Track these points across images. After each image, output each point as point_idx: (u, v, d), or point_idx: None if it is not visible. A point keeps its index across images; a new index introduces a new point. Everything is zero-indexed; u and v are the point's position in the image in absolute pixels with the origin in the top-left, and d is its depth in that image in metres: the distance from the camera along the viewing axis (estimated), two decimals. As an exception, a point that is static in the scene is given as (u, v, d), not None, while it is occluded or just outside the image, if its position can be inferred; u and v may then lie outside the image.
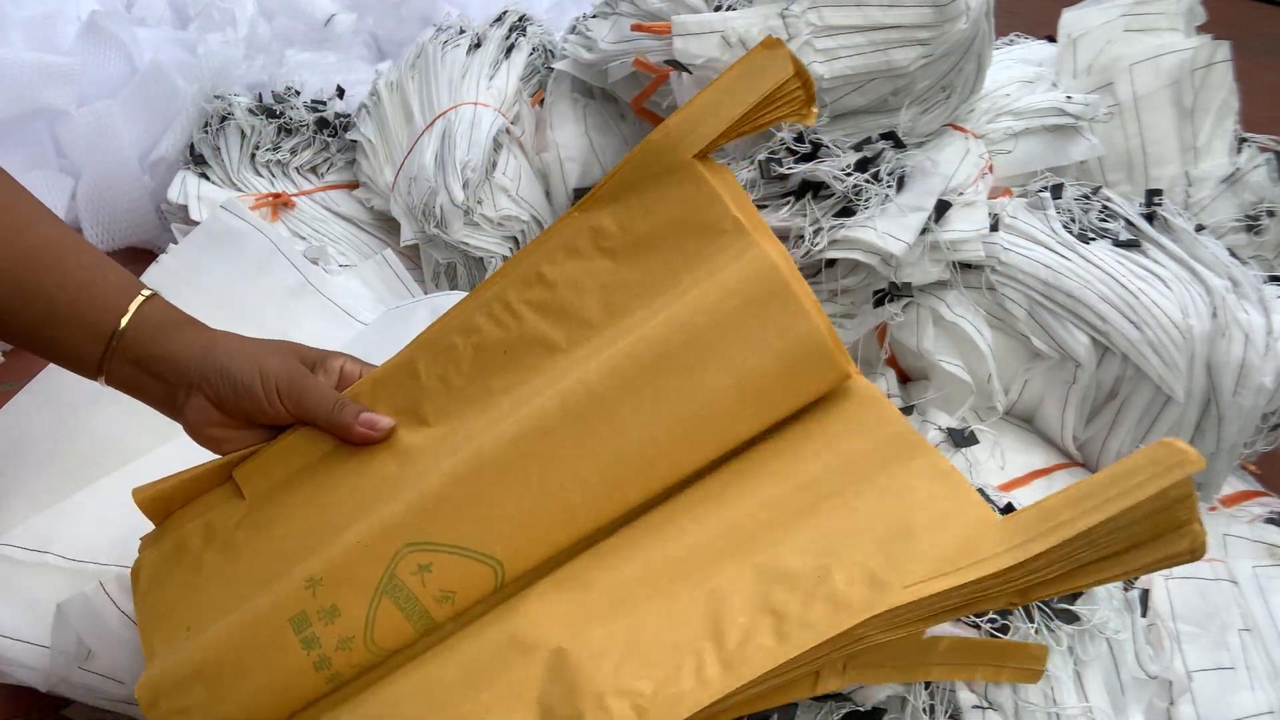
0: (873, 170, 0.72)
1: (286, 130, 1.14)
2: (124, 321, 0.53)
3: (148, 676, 0.48)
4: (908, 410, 0.73)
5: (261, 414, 0.53)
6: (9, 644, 0.61)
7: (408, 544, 0.46)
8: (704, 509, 0.45)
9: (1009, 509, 0.61)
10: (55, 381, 0.71)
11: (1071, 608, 0.52)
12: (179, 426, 0.54)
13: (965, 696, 0.48)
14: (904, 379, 0.78)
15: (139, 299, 0.53)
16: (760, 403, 0.45)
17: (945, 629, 0.50)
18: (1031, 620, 0.50)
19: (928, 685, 0.48)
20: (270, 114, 1.14)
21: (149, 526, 0.56)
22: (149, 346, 0.53)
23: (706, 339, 0.45)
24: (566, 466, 0.46)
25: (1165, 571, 0.60)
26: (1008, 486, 0.71)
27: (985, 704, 0.48)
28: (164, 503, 0.55)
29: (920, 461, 0.42)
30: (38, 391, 0.71)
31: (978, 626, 0.49)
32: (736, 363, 0.45)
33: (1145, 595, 0.57)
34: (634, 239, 0.50)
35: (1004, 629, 0.49)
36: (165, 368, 0.53)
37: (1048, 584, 0.37)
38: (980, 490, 0.64)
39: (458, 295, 0.86)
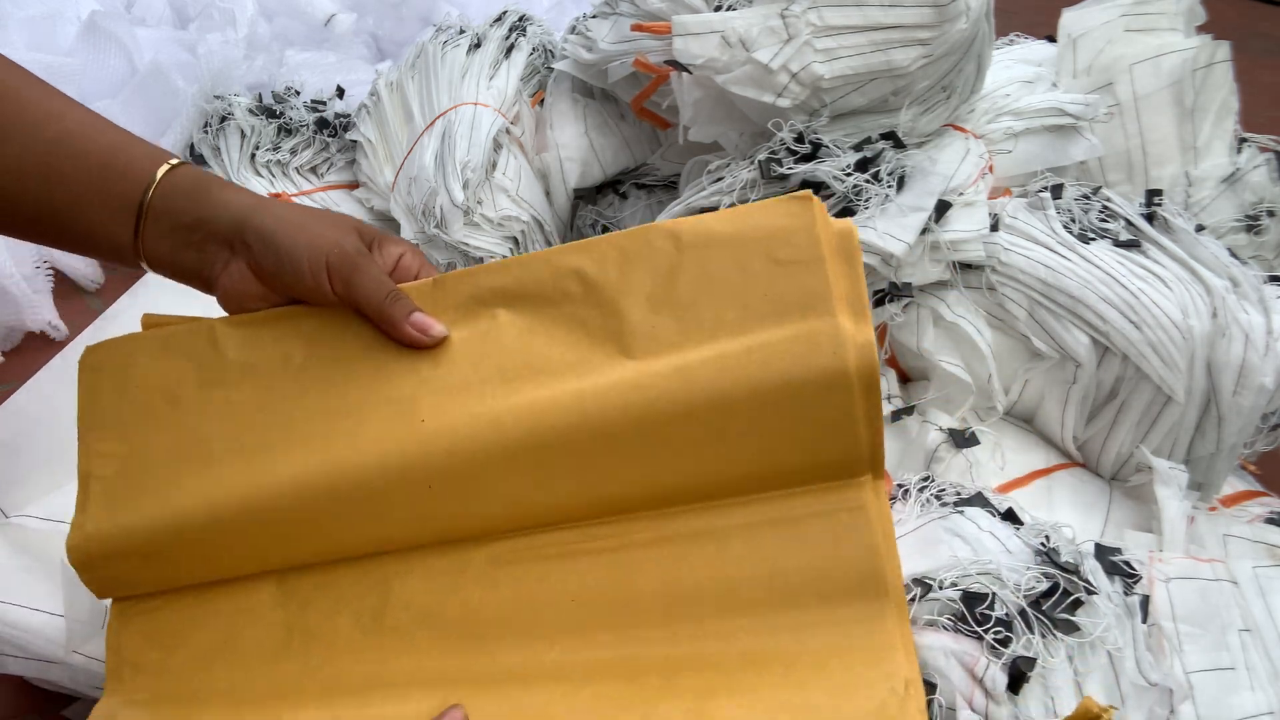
0: (873, 170, 0.72)
1: (286, 130, 1.14)
2: (151, 190, 0.48)
3: (83, 533, 0.47)
4: (908, 410, 0.73)
5: (304, 290, 0.48)
6: (28, 614, 0.62)
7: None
8: (672, 555, 0.45)
9: (1010, 514, 0.61)
10: (73, 361, 0.71)
11: (1072, 618, 0.51)
12: None
13: (965, 716, 0.48)
14: (904, 379, 0.78)
15: (165, 166, 0.48)
16: (775, 467, 0.45)
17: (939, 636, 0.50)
18: (1031, 630, 0.50)
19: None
20: (270, 114, 1.14)
21: None
22: (181, 214, 0.48)
23: (749, 407, 0.44)
24: (566, 476, 0.46)
25: (1165, 573, 0.60)
26: (1008, 487, 0.71)
27: (983, 717, 0.48)
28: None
29: (881, 605, 0.43)
30: (56, 369, 0.72)
31: (980, 637, 0.49)
32: (769, 436, 0.44)
33: (1146, 601, 0.57)
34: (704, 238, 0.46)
35: (1005, 641, 0.49)
36: (199, 235, 0.48)
37: None
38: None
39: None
